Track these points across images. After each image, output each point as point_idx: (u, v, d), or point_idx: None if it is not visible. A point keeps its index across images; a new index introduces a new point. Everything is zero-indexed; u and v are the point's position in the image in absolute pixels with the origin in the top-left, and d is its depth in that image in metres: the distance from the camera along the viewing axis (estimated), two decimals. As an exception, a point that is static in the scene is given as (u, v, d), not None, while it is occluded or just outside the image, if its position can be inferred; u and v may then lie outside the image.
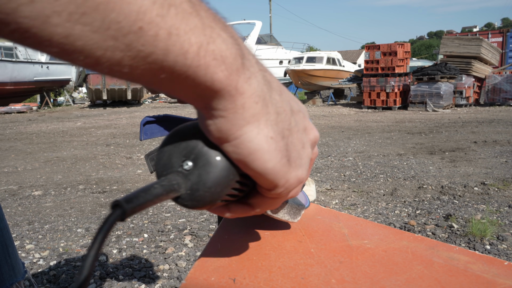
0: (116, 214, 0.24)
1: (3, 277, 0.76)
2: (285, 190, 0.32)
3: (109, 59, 0.22)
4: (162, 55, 0.23)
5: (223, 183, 0.29)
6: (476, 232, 2.52)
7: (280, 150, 0.29)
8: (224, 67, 0.25)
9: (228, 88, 0.26)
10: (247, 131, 0.27)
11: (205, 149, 0.29)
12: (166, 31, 0.22)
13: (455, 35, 17.28)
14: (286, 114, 0.30)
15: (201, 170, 0.28)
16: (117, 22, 0.20)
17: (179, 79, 0.24)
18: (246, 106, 0.27)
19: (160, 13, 0.22)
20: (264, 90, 0.28)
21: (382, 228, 0.58)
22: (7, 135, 8.39)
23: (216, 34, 0.25)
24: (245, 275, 0.46)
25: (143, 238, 2.69)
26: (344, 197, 3.45)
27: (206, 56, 0.24)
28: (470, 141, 5.95)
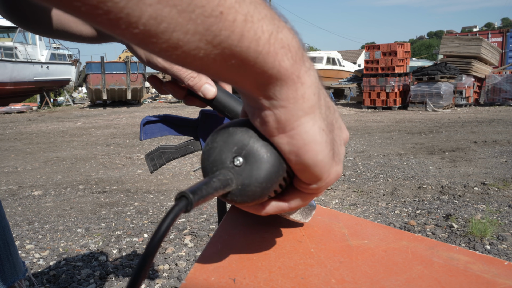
0: (182, 204, 0.24)
1: (5, 275, 0.76)
2: (325, 184, 0.32)
3: (188, 42, 0.23)
4: (237, 40, 0.24)
5: (273, 178, 0.29)
6: (476, 232, 2.52)
7: (328, 142, 0.30)
8: (290, 56, 0.26)
9: (292, 76, 0.26)
10: (304, 122, 0.28)
11: (256, 145, 0.29)
12: (243, 17, 0.23)
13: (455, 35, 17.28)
14: (331, 110, 0.31)
15: (252, 166, 0.29)
16: (201, 5, 0.22)
17: (247, 66, 0.25)
18: (306, 97, 0.28)
19: (238, 0, 0.23)
20: (318, 83, 0.29)
21: (382, 228, 0.58)
22: (7, 135, 8.39)
23: (283, 24, 0.26)
24: (245, 275, 0.46)
25: (143, 238, 2.69)
26: (344, 197, 3.45)
27: (276, 44, 0.25)
28: (470, 141, 5.95)
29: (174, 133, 0.78)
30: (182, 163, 5.00)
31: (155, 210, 3.24)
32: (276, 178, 0.30)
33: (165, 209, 3.28)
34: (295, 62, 0.26)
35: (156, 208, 3.31)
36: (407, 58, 12.53)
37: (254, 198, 0.30)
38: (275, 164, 0.29)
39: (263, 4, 0.25)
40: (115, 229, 2.86)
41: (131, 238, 2.69)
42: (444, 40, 12.50)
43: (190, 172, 4.54)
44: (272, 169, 0.29)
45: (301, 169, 0.30)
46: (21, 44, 17.38)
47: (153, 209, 3.28)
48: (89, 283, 2.12)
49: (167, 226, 0.24)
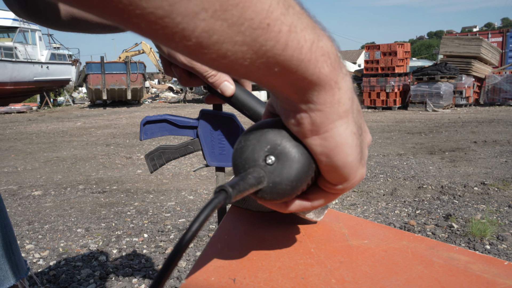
0: (221, 197, 0.25)
1: (7, 274, 0.77)
2: (350, 185, 0.33)
3: (236, 52, 0.24)
4: (281, 49, 0.25)
5: (303, 177, 0.31)
6: (476, 232, 2.52)
7: (358, 145, 0.31)
8: (330, 62, 0.27)
9: (330, 82, 0.28)
10: (338, 125, 0.29)
11: (289, 145, 0.30)
12: (288, 28, 0.24)
13: (455, 35, 17.28)
14: (360, 114, 0.33)
15: (284, 165, 0.30)
16: (250, 18, 0.23)
17: (290, 73, 0.27)
18: (342, 101, 0.29)
19: (283, 12, 0.24)
20: (352, 89, 0.31)
21: (382, 228, 0.58)
22: (7, 135, 8.39)
23: (322, 33, 0.27)
24: (245, 275, 0.46)
25: (143, 238, 2.69)
26: (344, 197, 3.45)
27: (317, 52, 0.26)
28: (470, 141, 5.95)
29: (174, 133, 0.78)
30: (182, 163, 5.00)
31: (155, 210, 3.24)
32: (306, 177, 0.31)
33: (165, 209, 3.28)
34: (333, 68, 0.28)
35: (156, 208, 3.31)
36: (407, 58, 12.53)
37: (283, 196, 0.31)
38: (306, 164, 0.31)
39: (305, 14, 0.26)
40: (115, 229, 2.86)
41: (131, 238, 2.69)
42: (444, 40, 12.50)
43: (190, 172, 4.53)
44: (303, 169, 0.30)
45: (330, 170, 0.31)
46: (21, 44, 17.38)
47: (153, 209, 3.28)
48: (89, 283, 2.12)
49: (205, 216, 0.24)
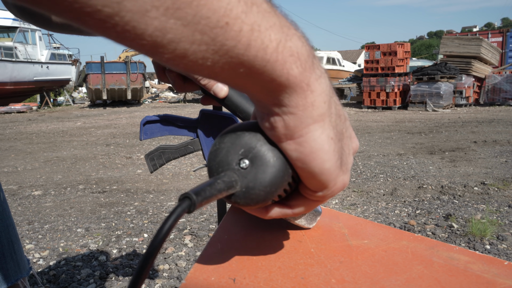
0: (184, 205, 0.25)
1: (9, 273, 0.77)
2: (331, 193, 0.32)
3: (195, 52, 0.23)
4: (243, 49, 0.24)
5: (278, 183, 0.29)
6: (476, 232, 2.52)
7: (336, 151, 0.30)
8: (299, 63, 0.26)
9: (301, 84, 0.27)
10: (312, 130, 0.28)
11: (264, 149, 0.29)
12: (250, 27, 0.23)
13: (455, 35, 17.27)
14: (341, 118, 0.31)
15: (258, 169, 0.29)
16: (207, 17, 0.22)
17: (256, 74, 0.26)
18: (315, 104, 0.28)
19: (244, 10, 0.23)
20: (329, 91, 0.29)
21: (382, 228, 0.58)
22: (7, 135, 8.39)
23: (292, 32, 0.26)
24: (245, 275, 0.46)
25: (143, 238, 2.69)
26: (344, 197, 3.45)
27: (284, 52, 0.25)
28: (470, 141, 5.95)
29: (174, 133, 0.78)
30: (182, 163, 5.00)
31: (155, 210, 3.24)
32: (281, 183, 0.30)
33: (165, 209, 3.28)
34: (304, 70, 0.26)
35: (156, 208, 3.31)
36: (407, 58, 12.53)
37: (257, 202, 0.30)
38: (281, 169, 0.29)
39: (273, 13, 0.25)
40: (115, 229, 2.86)
41: (131, 238, 2.69)
42: (444, 40, 12.50)
43: (190, 172, 4.53)
44: (278, 174, 0.29)
45: (307, 176, 0.30)
46: (21, 44, 17.38)
47: (153, 209, 3.28)
48: (89, 283, 2.12)
49: (169, 226, 0.24)
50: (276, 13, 0.26)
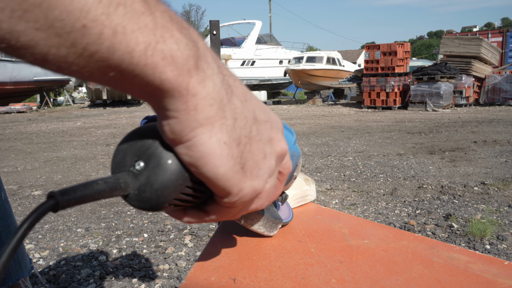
0: (48, 204, 0.24)
1: (9, 272, 0.77)
2: (239, 199, 0.31)
3: (55, 56, 0.22)
4: (107, 53, 0.23)
5: (170, 187, 0.28)
6: (476, 231, 2.52)
7: (233, 156, 0.28)
8: (174, 67, 0.25)
9: (178, 89, 0.25)
10: (199, 134, 0.27)
11: (158, 151, 0.28)
12: (112, 29, 0.22)
13: (455, 35, 17.27)
14: (246, 121, 0.30)
15: (150, 172, 0.28)
16: (60, 19, 0.21)
17: (128, 78, 0.24)
18: (199, 108, 0.26)
19: (105, 12, 0.22)
20: (221, 93, 0.28)
21: (382, 228, 0.58)
22: (7, 135, 8.39)
23: (169, 34, 0.24)
24: (245, 275, 0.46)
25: (143, 238, 2.69)
26: (344, 197, 3.45)
27: (154, 56, 0.24)
28: (470, 141, 5.95)
29: None
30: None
31: (155, 210, 3.24)
32: (174, 187, 0.28)
33: (165, 209, 3.28)
34: (180, 74, 0.25)
35: (156, 208, 3.31)
36: (407, 58, 12.54)
37: (150, 205, 0.29)
38: (174, 173, 0.28)
39: (147, 13, 0.23)
40: (115, 229, 2.86)
41: (131, 238, 2.69)
42: (444, 40, 12.50)
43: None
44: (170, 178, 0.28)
45: (206, 181, 0.29)
46: (21, 44, 17.37)
47: (153, 209, 3.28)
48: (89, 283, 2.12)
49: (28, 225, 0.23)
50: (153, 13, 0.24)
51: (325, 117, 10.49)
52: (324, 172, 4.36)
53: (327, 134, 7.21)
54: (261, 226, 0.53)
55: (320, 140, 6.59)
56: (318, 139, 6.66)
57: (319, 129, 8.08)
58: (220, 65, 0.29)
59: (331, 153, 5.41)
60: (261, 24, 20.04)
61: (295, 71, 16.81)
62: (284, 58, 20.32)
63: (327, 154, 5.31)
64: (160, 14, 0.24)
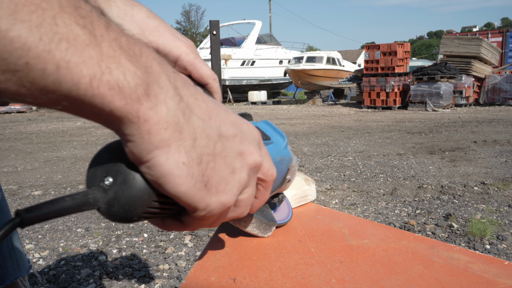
0: (14, 222, 0.26)
1: (8, 271, 0.77)
2: (208, 213, 0.32)
3: (8, 90, 0.23)
4: (54, 86, 0.23)
5: (136, 202, 0.30)
6: (476, 231, 2.52)
7: (193, 176, 0.29)
8: (122, 96, 0.25)
9: (128, 116, 0.26)
10: (156, 156, 0.28)
11: (125, 168, 0.30)
12: (55, 64, 0.23)
13: (455, 35, 17.28)
14: (209, 139, 0.31)
15: (118, 188, 0.29)
16: (3, 59, 0.21)
17: (80, 107, 0.25)
18: (152, 132, 0.27)
19: (46, 48, 0.22)
20: (177, 115, 0.28)
21: (382, 228, 0.58)
22: (7, 135, 8.39)
23: (116, 64, 0.25)
24: (245, 275, 0.46)
25: (143, 238, 2.69)
26: (344, 196, 3.45)
27: (100, 87, 0.24)
28: (470, 141, 5.95)
29: None
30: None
31: (155, 210, 3.24)
32: (140, 202, 0.30)
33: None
34: (128, 102, 0.26)
35: (156, 208, 3.31)
36: (407, 58, 12.54)
37: (119, 218, 0.30)
38: (140, 190, 0.29)
39: (92, 45, 0.24)
40: (115, 229, 2.86)
41: (131, 238, 2.69)
42: (444, 40, 12.51)
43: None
44: (135, 194, 0.29)
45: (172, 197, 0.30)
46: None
47: (153, 209, 3.28)
48: (89, 283, 2.12)
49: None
50: (99, 44, 0.24)
51: (325, 117, 10.50)
52: (324, 172, 4.36)
53: (327, 134, 7.21)
54: (255, 228, 0.54)
55: (320, 140, 6.60)
56: (318, 139, 6.66)
57: (319, 129, 8.08)
58: (178, 86, 0.29)
59: (331, 153, 5.42)
60: (261, 24, 20.04)
61: (295, 71, 16.82)
62: (284, 58, 20.32)
63: (327, 154, 5.32)
64: (107, 44, 0.25)
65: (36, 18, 0.22)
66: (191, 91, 0.31)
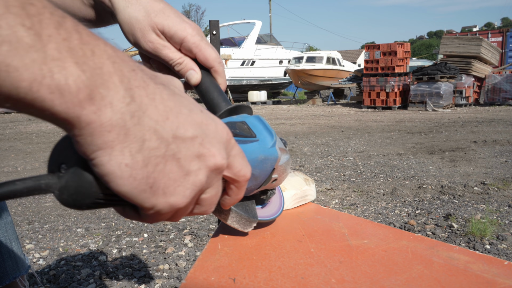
0: None
1: (7, 271, 0.77)
2: (156, 213, 0.32)
3: None
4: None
5: (84, 193, 0.30)
6: (476, 231, 2.52)
7: (136, 178, 0.29)
8: (62, 101, 0.25)
9: (70, 119, 0.26)
10: (99, 156, 0.28)
11: (79, 159, 0.30)
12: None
13: (455, 34, 17.29)
14: (161, 141, 0.30)
15: (69, 177, 0.30)
16: None
17: (24, 107, 0.25)
18: (95, 134, 0.27)
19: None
20: (124, 118, 0.28)
21: (382, 228, 0.58)
22: (7, 135, 8.40)
23: (59, 67, 0.25)
24: (245, 275, 0.46)
25: (143, 238, 2.69)
26: (344, 196, 3.45)
27: (40, 91, 0.24)
28: (470, 141, 5.95)
29: None
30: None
31: (155, 210, 3.24)
32: (88, 194, 0.31)
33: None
34: (70, 106, 0.26)
35: (156, 208, 3.31)
36: (407, 58, 12.54)
37: (69, 206, 0.31)
38: (88, 182, 0.30)
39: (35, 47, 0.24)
40: (115, 228, 2.86)
41: (131, 238, 2.69)
42: (444, 40, 12.51)
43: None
44: (84, 185, 0.30)
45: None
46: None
47: (153, 209, 3.28)
48: (89, 283, 2.12)
49: None
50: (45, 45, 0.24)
51: (325, 117, 10.50)
52: (324, 172, 4.36)
53: (327, 134, 7.21)
54: (234, 222, 0.54)
55: (320, 140, 6.60)
56: (318, 139, 6.66)
57: (319, 129, 8.08)
58: (132, 86, 0.29)
59: (331, 153, 5.42)
60: (261, 24, 20.04)
61: (295, 71, 16.82)
62: (284, 58, 20.32)
63: (327, 154, 5.32)
64: (54, 45, 0.25)
65: None
66: (149, 90, 0.30)
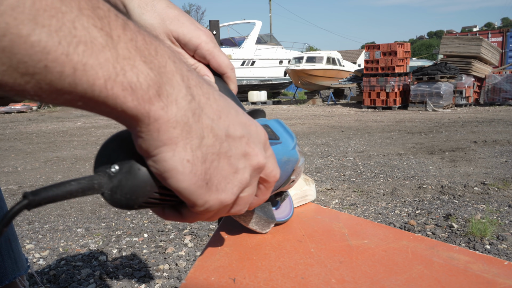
0: (21, 204, 0.27)
1: (6, 271, 0.77)
2: (206, 209, 0.33)
3: (29, 91, 0.24)
4: (70, 88, 0.24)
5: (138, 192, 0.31)
6: (476, 232, 2.52)
7: (196, 173, 0.30)
8: (134, 97, 0.26)
9: (139, 116, 0.27)
10: (162, 151, 0.29)
11: (132, 158, 0.31)
12: (72, 67, 0.24)
13: (455, 35, 17.28)
14: (216, 139, 0.32)
15: (122, 176, 0.31)
16: (23, 62, 0.22)
17: (95, 106, 0.26)
18: (161, 130, 0.28)
19: (65, 52, 0.23)
20: (187, 115, 0.29)
21: (382, 228, 0.58)
22: (7, 135, 8.39)
23: (130, 66, 0.26)
24: (245, 275, 0.46)
25: (143, 238, 2.69)
26: (344, 197, 3.45)
27: (114, 88, 0.25)
28: (470, 141, 5.95)
29: None
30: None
31: (155, 210, 3.24)
32: (142, 193, 0.31)
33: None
34: (140, 102, 0.27)
35: (156, 208, 3.31)
36: (407, 58, 12.54)
37: (120, 205, 0.31)
38: (143, 180, 0.31)
39: (108, 47, 0.25)
40: (115, 229, 2.86)
41: (131, 238, 2.69)
42: (444, 40, 12.50)
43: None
44: (139, 184, 0.31)
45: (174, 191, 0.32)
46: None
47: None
48: (89, 283, 2.12)
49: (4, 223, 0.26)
50: (115, 45, 0.25)
51: (325, 117, 10.50)
52: (324, 172, 4.36)
53: (327, 134, 7.21)
54: (254, 224, 0.55)
55: (320, 140, 6.60)
56: (318, 139, 6.66)
57: (319, 129, 8.08)
58: (191, 85, 0.30)
59: (331, 153, 5.42)
60: (261, 24, 20.03)
61: (295, 71, 16.81)
62: (284, 58, 20.31)
63: (327, 154, 5.32)
64: (123, 45, 0.26)
65: (56, 22, 0.23)
66: (204, 90, 0.32)
